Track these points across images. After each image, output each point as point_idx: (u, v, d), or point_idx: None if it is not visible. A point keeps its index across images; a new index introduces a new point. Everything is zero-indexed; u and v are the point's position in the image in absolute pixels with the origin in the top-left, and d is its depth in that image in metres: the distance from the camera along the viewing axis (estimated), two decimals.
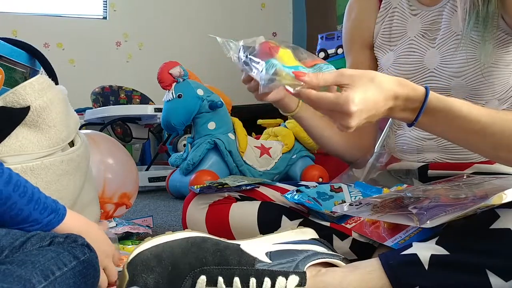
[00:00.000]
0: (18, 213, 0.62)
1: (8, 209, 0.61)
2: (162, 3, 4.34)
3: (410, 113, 0.70)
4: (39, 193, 0.65)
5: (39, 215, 0.64)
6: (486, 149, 0.73)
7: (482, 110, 0.71)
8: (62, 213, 0.67)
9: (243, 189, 0.97)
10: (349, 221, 0.87)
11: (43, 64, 0.95)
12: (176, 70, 2.15)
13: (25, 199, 0.62)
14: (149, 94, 3.51)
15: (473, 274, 0.61)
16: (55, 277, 0.56)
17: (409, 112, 0.70)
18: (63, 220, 0.67)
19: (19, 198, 0.62)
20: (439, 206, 0.67)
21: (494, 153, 0.73)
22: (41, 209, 0.64)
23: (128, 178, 1.46)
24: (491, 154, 0.74)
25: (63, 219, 0.67)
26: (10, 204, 0.61)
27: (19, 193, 0.62)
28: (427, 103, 0.68)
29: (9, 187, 0.61)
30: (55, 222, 0.66)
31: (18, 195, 0.61)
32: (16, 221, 0.63)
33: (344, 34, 1.09)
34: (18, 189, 0.62)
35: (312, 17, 4.40)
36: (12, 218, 0.62)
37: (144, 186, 2.71)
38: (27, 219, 0.63)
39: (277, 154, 2.25)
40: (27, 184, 0.64)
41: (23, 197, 0.62)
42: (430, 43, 0.92)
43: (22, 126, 0.83)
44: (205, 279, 0.63)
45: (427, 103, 0.68)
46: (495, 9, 0.80)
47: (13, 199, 0.61)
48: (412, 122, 0.70)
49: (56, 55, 3.72)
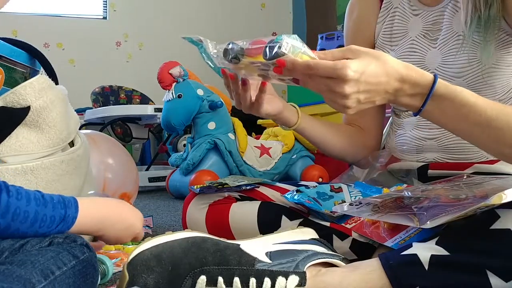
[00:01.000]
0: (23, 235, 0.60)
1: (11, 235, 0.60)
2: (162, 3, 4.34)
3: (417, 100, 0.69)
4: (44, 209, 0.62)
5: (46, 230, 0.62)
6: (490, 143, 0.72)
7: (488, 102, 0.70)
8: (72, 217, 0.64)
9: (243, 189, 0.97)
10: (349, 221, 0.87)
11: (43, 64, 0.95)
12: (176, 70, 2.15)
13: (27, 223, 0.60)
14: (149, 94, 3.51)
15: (473, 274, 0.61)
16: (54, 276, 0.56)
17: (416, 98, 0.69)
18: (72, 225, 0.64)
19: (20, 225, 0.59)
20: (439, 206, 0.67)
21: (497, 148, 0.72)
22: (48, 224, 0.61)
23: (128, 178, 1.46)
24: (495, 149, 0.73)
25: (73, 224, 0.64)
26: (12, 231, 0.59)
27: (20, 221, 0.59)
28: (435, 89, 0.67)
29: (7, 218, 0.57)
30: (65, 229, 0.64)
31: (18, 223, 0.59)
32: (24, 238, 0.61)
33: (346, 34, 1.09)
34: (17, 217, 0.58)
35: (312, 17, 4.40)
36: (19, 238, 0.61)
37: (144, 186, 2.71)
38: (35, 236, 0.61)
39: (277, 154, 2.25)
40: (27, 208, 0.60)
41: (24, 223, 0.59)
42: (431, 44, 0.92)
43: (22, 126, 0.83)
44: (205, 279, 0.63)
45: (435, 88, 0.67)
46: (496, 12, 0.80)
47: (14, 226, 0.59)
48: (419, 109, 0.69)
49: (56, 55, 3.72)
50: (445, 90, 0.68)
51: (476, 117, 0.69)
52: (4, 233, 0.59)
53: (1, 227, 0.58)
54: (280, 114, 0.94)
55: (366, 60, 0.64)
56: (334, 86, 0.64)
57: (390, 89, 0.67)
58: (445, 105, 0.69)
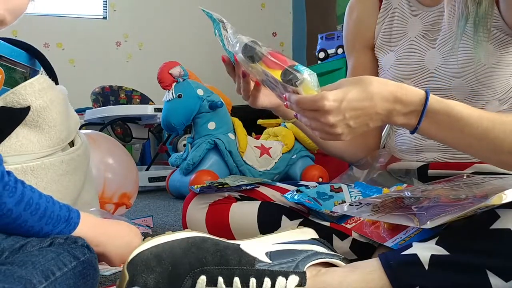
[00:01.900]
0: (28, 229, 0.61)
1: (17, 227, 0.60)
2: (162, 3, 4.33)
3: (412, 118, 0.70)
4: (53, 206, 0.64)
5: (51, 228, 0.63)
6: (489, 153, 0.73)
7: (482, 113, 0.71)
8: (74, 221, 0.66)
9: (243, 189, 0.97)
10: (349, 221, 0.87)
11: (43, 64, 0.95)
12: (176, 70, 2.15)
13: (36, 216, 0.61)
14: (149, 94, 3.51)
15: (473, 274, 0.61)
16: (55, 277, 0.56)
17: (410, 116, 0.70)
18: (74, 229, 0.66)
19: (30, 216, 0.61)
20: (439, 206, 0.67)
21: (496, 157, 0.73)
22: (54, 222, 0.63)
23: (128, 178, 1.46)
24: (494, 158, 0.74)
25: (75, 228, 0.66)
26: (20, 222, 0.60)
27: (31, 211, 0.60)
28: (428, 105, 0.68)
29: (20, 206, 0.59)
30: (66, 231, 0.65)
31: (29, 213, 0.60)
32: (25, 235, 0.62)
33: (345, 35, 1.09)
34: (29, 208, 0.60)
35: (312, 17, 4.40)
36: (21, 233, 0.61)
37: (144, 186, 2.71)
38: (38, 234, 0.62)
39: (277, 154, 2.25)
40: (39, 201, 0.62)
41: (35, 215, 0.61)
42: (430, 44, 0.92)
43: (22, 126, 0.83)
44: (205, 279, 0.63)
45: (428, 105, 0.68)
46: (485, 11, 0.80)
47: (24, 217, 0.60)
48: (415, 127, 0.70)
49: (56, 55, 3.72)
50: (438, 106, 0.69)
51: (473, 130, 0.70)
52: (12, 224, 0.60)
53: (12, 216, 0.59)
54: (278, 107, 0.94)
55: (345, 88, 0.67)
56: (320, 117, 0.67)
57: (381, 111, 0.68)
58: (440, 120, 0.70)
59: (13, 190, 0.59)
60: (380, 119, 0.69)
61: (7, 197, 0.58)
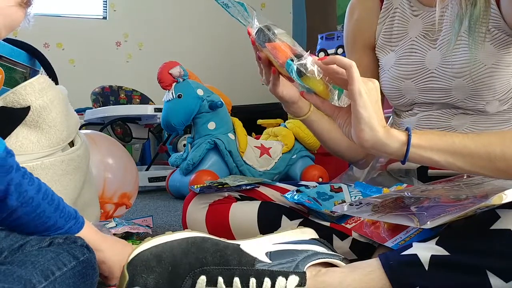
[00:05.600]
0: (45, 220, 0.63)
1: (36, 217, 0.62)
2: (162, 3, 4.34)
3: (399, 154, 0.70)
4: (63, 202, 0.67)
5: (63, 223, 0.65)
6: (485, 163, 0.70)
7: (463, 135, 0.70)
8: (81, 221, 0.69)
9: (243, 189, 0.97)
10: (349, 221, 0.87)
11: (43, 64, 0.95)
12: (176, 70, 2.15)
13: (52, 207, 0.63)
14: (149, 94, 3.51)
15: (473, 274, 0.61)
16: (55, 277, 0.56)
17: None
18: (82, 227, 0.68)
19: (47, 206, 0.63)
20: (439, 207, 0.67)
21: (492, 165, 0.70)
22: (66, 216, 0.65)
23: (128, 178, 1.46)
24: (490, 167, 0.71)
25: (83, 226, 0.68)
26: (39, 211, 0.62)
27: (48, 201, 0.63)
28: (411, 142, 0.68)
29: (39, 195, 0.62)
30: (75, 229, 0.67)
31: (47, 203, 0.63)
32: (40, 229, 0.63)
33: (346, 35, 1.09)
34: (47, 198, 0.63)
35: (312, 17, 4.40)
36: (37, 226, 0.63)
37: (144, 186, 2.71)
38: (52, 227, 0.64)
39: (277, 154, 2.25)
40: (54, 194, 0.65)
41: (51, 205, 0.63)
42: (431, 44, 0.92)
43: (22, 126, 0.83)
44: (205, 279, 0.63)
45: (411, 142, 0.68)
46: (480, 12, 0.80)
47: (42, 207, 0.62)
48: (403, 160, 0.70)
49: (56, 55, 3.72)
50: (419, 141, 0.69)
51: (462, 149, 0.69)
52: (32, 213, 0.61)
53: (33, 204, 0.61)
54: (294, 103, 0.92)
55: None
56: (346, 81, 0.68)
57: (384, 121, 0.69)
58: (427, 152, 0.69)
59: (31, 179, 0.61)
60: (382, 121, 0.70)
61: (28, 185, 0.60)
